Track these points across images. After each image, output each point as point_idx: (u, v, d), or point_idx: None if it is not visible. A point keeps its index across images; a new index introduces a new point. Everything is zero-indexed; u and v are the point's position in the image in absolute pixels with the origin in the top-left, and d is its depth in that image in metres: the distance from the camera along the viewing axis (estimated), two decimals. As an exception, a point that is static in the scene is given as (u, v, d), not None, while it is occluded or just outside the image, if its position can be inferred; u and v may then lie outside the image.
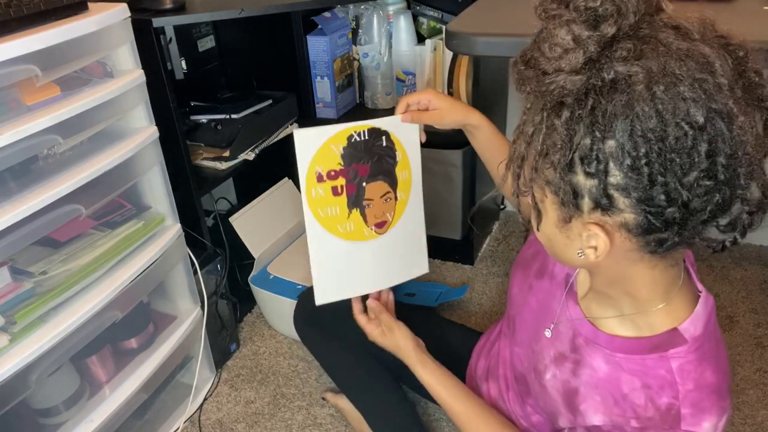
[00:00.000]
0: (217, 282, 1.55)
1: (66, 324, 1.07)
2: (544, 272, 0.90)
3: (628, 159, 0.53)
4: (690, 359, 0.68)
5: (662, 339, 0.69)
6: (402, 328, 1.04)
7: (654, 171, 0.53)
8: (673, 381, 0.68)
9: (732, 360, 1.55)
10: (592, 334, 0.76)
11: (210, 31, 1.79)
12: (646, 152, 0.52)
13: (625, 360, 0.72)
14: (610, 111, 0.52)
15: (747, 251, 1.97)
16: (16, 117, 0.98)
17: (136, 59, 1.19)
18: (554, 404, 0.83)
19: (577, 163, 0.55)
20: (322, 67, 1.81)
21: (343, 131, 0.97)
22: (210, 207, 1.92)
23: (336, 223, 1.02)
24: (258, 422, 1.47)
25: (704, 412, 0.67)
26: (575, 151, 0.55)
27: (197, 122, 1.67)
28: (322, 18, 1.79)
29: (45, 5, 1.00)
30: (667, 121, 0.51)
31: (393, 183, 1.04)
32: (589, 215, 0.59)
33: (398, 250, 1.09)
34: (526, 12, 0.71)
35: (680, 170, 0.53)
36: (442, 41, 1.74)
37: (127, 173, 1.21)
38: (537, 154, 0.58)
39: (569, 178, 0.57)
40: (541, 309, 0.88)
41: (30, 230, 1.01)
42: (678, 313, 0.70)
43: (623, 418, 0.71)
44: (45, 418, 1.18)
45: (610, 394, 0.73)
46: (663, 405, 0.68)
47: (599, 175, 0.55)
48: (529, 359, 0.90)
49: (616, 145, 0.53)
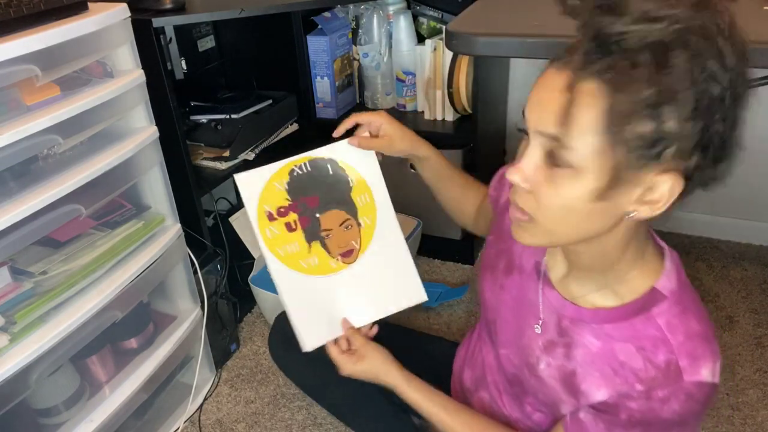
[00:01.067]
0: (217, 282, 1.55)
1: (66, 324, 1.07)
2: (512, 268, 0.89)
3: (711, 101, 0.57)
4: (674, 313, 0.71)
5: (644, 300, 0.72)
6: (378, 350, 0.98)
7: (717, 111, 0.59)
8: (665, 337, 0.70)
9: (732, 360, 1.55)
10: (576, 313, 0.77)
11: (210, 31, 1.79)
12: (720, 94, 0.58)
13: (614, 329, 0.74)
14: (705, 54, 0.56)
15: (747, 251, 1.97)
16: (16, 117, 0.98)
17: (136, 59, 1.19)
18: (554, 393, 0.82)
19: (687, 108, 0.56)
20: (322, 67, 1.81)
21: (284, 167, 0.96)
22: (210, 207, 1.92)
23: (298, 259, 0.98)
24: (258, 422, 1.47)
25: (700, 359, 0.69)
26: (689, 94, 0.56)
27: (197, 122, 1.67)
28: (322, 18, 1.79)
29: (45, 5, 1.00)
30: (728, 65, 0.57)
31: (351, 209, 1.00)
32: (667, 163, 0.59)
33: (379, 278, 1.03)
34: (526, 12, 0.71)
35: (729, 110, 0.60)
36: (442, 41, 1.74)
37: (127, 173, 1.21)
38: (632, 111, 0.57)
39: (675, 131, 0.57)
40: (519, 304, 0.88)
41: (30, 230, 1.01)
42: (651, 272, 0.73)
43: (627, 385, 0.72)
44: (45, 418, 1.18)
45: (608, 365, 0.74)
46: (662, 362, 0.70)
47: (697, 119, 0.57)
48: (518, 357, 0.89)
49: (708, 87, 0.57)
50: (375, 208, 1.01)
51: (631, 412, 0.72)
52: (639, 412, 0.71)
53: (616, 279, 0.74)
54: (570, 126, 0.58)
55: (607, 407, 0.75)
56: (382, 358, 0.98)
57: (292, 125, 1.83)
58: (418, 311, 1.78)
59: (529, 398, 0.92)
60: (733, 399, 1.45)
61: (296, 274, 0.99)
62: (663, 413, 0.70)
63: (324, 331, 1.02)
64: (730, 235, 2.02)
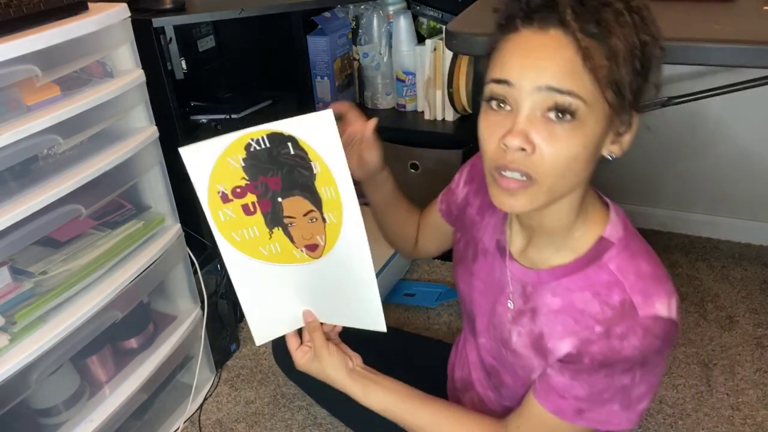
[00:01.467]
0: (217, 282, 1.55)
1: (66, 324, 1.07)
2: (477, 253, 0.92)
3: (657, 49, 0.66)
4: (623, 257, 0.75)
5: (594, 250, 0.76)
6: (335, 355, 0.89)
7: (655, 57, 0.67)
8: (617, 279, 0.73)
9: (732, 360, 1.56)
10: (536, 277, 0.81)
11: (210, 31, 1.79)
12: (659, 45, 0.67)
13: (570, 282, 0.77)
14: (648, 17, 0.66)
15: (747, 251, 1.97)
16: (16, 117, 0.98)
17: (136, 59, 1.19)
18: (528, 363, 0.83)
19: (643, 61, 0.65)
20: (322, 67, 1.81)
21: (238, 140, 0.80)
22: (210, 207, 1.92)
23: (257, 245, 0.86)
24: (258, 422, 1.47)
25: (653, 296, 0.72)
26: (644, 51, 0.65)
27: (197, 122, 1.67)
28: (322, 18, 1.79)
29: (45, 5, 1.00)
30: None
31: (315, 200, 0.83)
32: (632, 107, 0.68)
33: (341, 286, 0.88)
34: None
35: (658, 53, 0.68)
36: (442, 41, 1.74)
37: (127, 173, 1.21)
38: (620, 61, 0.64)
39: (637, 77, 0.66)
40: (488, 285, 0.90)
41: (30, 230, 1.01)
42: (598, 224, 0.77)
43: (588, 330, 0.74)
44: (45, 418, 1.18)
45: (569, 317, 0.77)
46: (617, 302, 0.73)
47: (649, 68, 0.66)
48: (493, 339, 0.90)
49: (654, 42, 0.66)
50: (341, 206, 0.82)
51: (593, 355, 0.74)
52: (600, 354, 0.73)
53: (570, 236, 0.77)
54: (575, 78, 0.63)
55: (571, 358, 0.76)
56: (338, 364, 0.89)
57: (292, 125, 1.83)
58: (418, 311, 1.78)
59: (506, 389, 0.92)
60: (733, 399, 1.45)
61: (254, 262, 0.87)
62: (623, 350, 0.72)
63: (279, 325, 0.92)
64: (730, 235, 2.02)
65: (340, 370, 0.89)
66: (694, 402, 1.45)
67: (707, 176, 1.97)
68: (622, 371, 0.73)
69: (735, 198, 1.98)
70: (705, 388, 1.48)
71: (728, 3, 1.32)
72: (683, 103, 1.40)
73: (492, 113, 0.68)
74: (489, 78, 0.68)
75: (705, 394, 1.47)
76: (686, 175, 2.00)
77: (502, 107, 0.67)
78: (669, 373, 1.53)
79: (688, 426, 1.39)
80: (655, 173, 2.03)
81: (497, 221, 0.90)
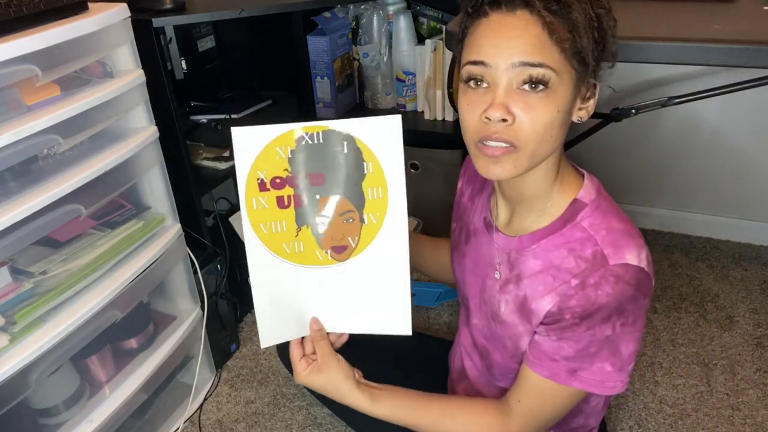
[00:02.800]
0: (217, 282, 1.55)
1: (66, 324, 1.07)
2: (468, 235, 0.96)
3: (610, 20, 0.74)
4: (595, 216, 0.80)
5: (569, 211, 0.82)
6: (341, 366, 0.88)
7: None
8: (589, 235, 0.79)
9: (732, 360, 1.56)
10: (518, 243, 0.85)
11: (210, 31, 1.79)
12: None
13: (548, 243, 0.82)
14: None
15: (747, 251, 1.97)
16: (16, 117, 0.98)
17: (136, 59, 1.19)
18: (515, 330, 0.86)
19: (600, 32, 0.72)
20: (322, 67, 1.81)
21: (291, 131, 0.81)
22: (210, 207, 1.92)
23: (282, 240, 0.84)
24: (258, 422, 1.47)
25: (623, 248, 0.77)
26: (600, 22, 0.71)
27: (197, 122, 1.67)
28: (322, 18, 1.79)
29: (45, 5, 1.00)
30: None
31: (358, 201, 0.83)
32: (595, 74, 0.75)
33: (367, 289, 0.87)
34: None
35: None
36: (442, 41, 1.74)
37: (127, 173, 1.21)
38: (585, 37, 0.70)
39: (596, 46, 0.72)
40: (476, 262, 0.94)
41: (30, 230, 1.01)
42: (573, 188, 0.83)
43: (565, 285, 0.79)
44: (45, 418, 1.18)
45: (548, 275, 0.81)
46: (589, 255, 0.78)
47: (605, 37, 0.73)
48: (485, 315, 0.93)
49: (607, 14, 0.73)
50: (386, 207, 0.83)
51: (573, 309, 0.78)
52: (579, 306, 0.77)
53: (548, 201, 0.83)
54: (544, 51, 0.69)
55: (553, 316, 0.80)
56: (346, 375, 0.88)
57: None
58: (418, 311, 1.78)
59: (497, 368, 0.94)
60: (733, 399, 1.45)
61: (274, 258, 0.85)
62: (598, 299, 0.76)
63: (288, 329, 0.89)
64: (730, 235, 2.02)
65: (347, 381, 0.88)
66: (694, 402, 1.45)
67: (707, 176, 1.97)
68: (601, 321, 0.77)
69: (735, 198, 1.98)
70: (705, 388, 1.48)
71: (728, 3, 1.32)
72: (683, 103, 1.40)
73: (471, 92, 0.74)
74: (465, 60, 0.74)
75: (705, 394, 1.47)
76: (686, 175, 2.00)
77: (480, 85, 0.73)
78: (669, 373, 1.53)
79: (688, 426, 1.40)
80: (655, 173, 2.03)
81: (484, 201, 0.95)
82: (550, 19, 0.69)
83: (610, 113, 1.45)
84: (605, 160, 2.02)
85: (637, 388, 1.50)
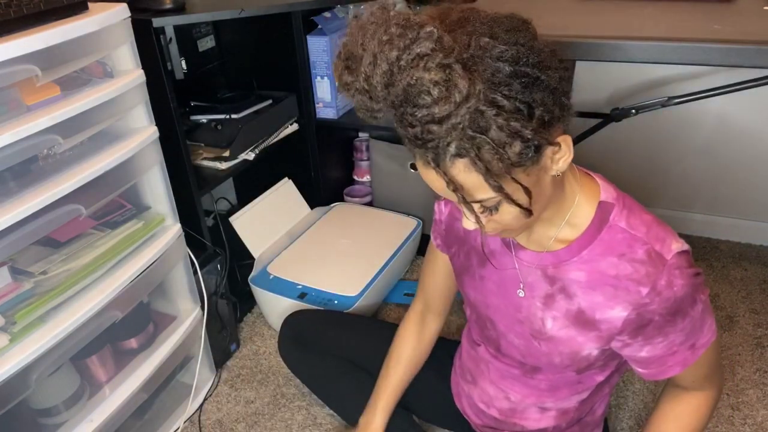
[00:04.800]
0: (217, 282, 1.55)
1: (66, 324, 1.07)
2: (484, 259, 0.95)
3: (532, 91, 0.65)
4: (626, 214, 0.81)
5: (598, 216, 0.81)
6: None
7: (542, 89, 0.66)
8: (633, 235, 0.79)
9: (732, 360, 1.56)
10: (554, 257, 0.84)
11: (210, 31, 1.79)
12: (533, 80, 0.65)
13: (589, 253, 0.81)
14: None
15: (747, 251, 1.97)
16: (16, 117, 0.98)
17: (136, 59, 1.19)
18: (572, 343, 0.86)
19: (523, 113, 0.64)
20: (322, 67, 1.81)
21: None
22: (210, 207, 1.92)
23: None
24: (258, 422, 1.47)
25: (666, 239, 0.78)
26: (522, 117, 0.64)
27: (197, 122, 1.67)
28: (322, 18, 1.79)
29: (45, 5, 1.00)
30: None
31: None
32: (547, 138, 0.68)
33: None
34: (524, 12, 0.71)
35: (546, 77, 0.66)
36: (442, 41, 1.74)
37: (127, 173, 1.21)
38: (500, 151, 0.64)
39: (532, 132, 0.65)
40: (502, 284, 0.92)
41: (30, 230, 1.01)
42: (592, 193, 0.82)
43: (633, 294, 0.78)
44: (45, 418, 1.18)
45: (605, 285, 0.80)
46: (644, 256, 0.78)
47: (536, 109, 0.65)
48: (522, 334, 0.92)
49: (524, 89, 0.64)
50: None
51: (658, 312, 0.78)
52: (663, 309, 0.78)
53: (568, 213, 0.82)
54: (472, 194, 0.68)
55: (635, 323, 0.80)
56: None
57: (292, 125, 1.83)
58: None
59: (541, 374, 0.95)
60: (733, 399, 1.45)
61: None
62: (677, 293, 0.77)
63: None
64: (730, 235, 2.02)
65: None
66: (694, 402, 1.45)
67: (707, 176, 1.97)
68: (690, 305, 0.79)
69: (735, 198, 1.98)
70: (705, 388, 1.49)
71: (728, 3, 1.32)
72: (683, 103, 1.40)
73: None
74: None
75: (705, 394, 1.47)
76: (686, 175, 2.00)
77: None
78: (669, 373, 1.53)
79: (688, 426, 1.40)
80: (655, 173, 2.03)
81: None
82: (453, 176, 0.66)
83: (610, 113, 1.45)
84: (605, 160, 2.02)
85: (637, 389, 1.50)
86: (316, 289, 1.64)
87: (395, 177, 1.96)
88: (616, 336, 0.82)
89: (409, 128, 0.63)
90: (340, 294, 1.62)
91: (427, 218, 1.90)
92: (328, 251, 1.79)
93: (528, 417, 1.00)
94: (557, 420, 0.99)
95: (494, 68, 0.62)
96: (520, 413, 1.01)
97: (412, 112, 0.62)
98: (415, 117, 0.62)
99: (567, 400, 0.97)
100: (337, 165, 2.11)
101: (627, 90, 1.87)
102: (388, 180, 1.99)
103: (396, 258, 1.76)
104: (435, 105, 0.60)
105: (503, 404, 1.02)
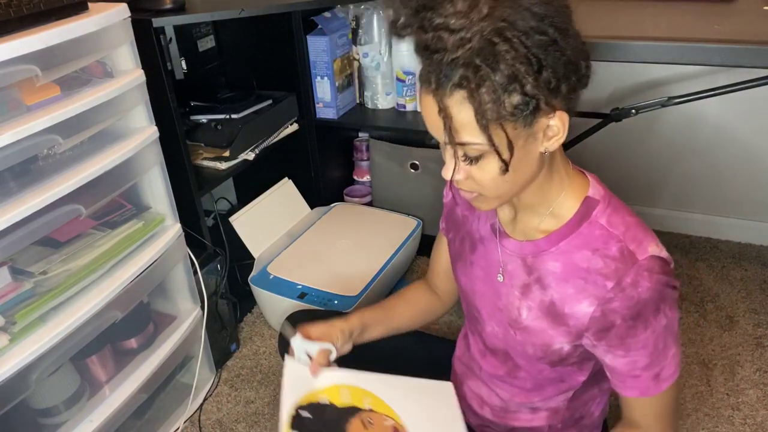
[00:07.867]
0: (217, 282, 1.55)
1: (66, 324, 1.07)
2: (475, 244, 0.96)
3: (545, 50, 0.67)
4: (609, 212, 0.81)
5: (582, 210, 0.82)
6: None
7: (554, 52, 0.68)
8: (610, 233, 0.79)
9: (732, 360, 1.56)
10: (533, 247, 0.85)
11: (210, 31, 1.79)
12: (548, 40, 0.67)
13: (567, 244, 0.82)
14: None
15: (747, 251, 1.97)
16: (16, 117, 0.98)
17: (136, 59, 1.19)
18: (542, 335, 0.86)
19: (532, 68, 0.66)
20: (322, 67, 1.81)
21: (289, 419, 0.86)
22: (210, 207, 1.92)
23: None
24: (258, 422, 1.47)
25: (643, 241, 0.78)
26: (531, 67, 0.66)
27: (197, 122, 1.67)
28: (322, 18, 1.79)
29: (45, 5, 1.00)
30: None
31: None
32: (546, 108, 0.69)
33: None
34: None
35: (562, 43, 0.68)
36: (442, 41, 1.74)
37: (127, 173, 1.21)
38: (499, 95, 0.66)
39: (535, 89, 0.67)
40: (487, 271, 0.93)
41: (30, 230, 1.01)
42: (580, 187, 0.83)
43: (601, 288, 0.78)
44: (45, 418, 1.18)
45: (577, 278, 0.81)
46: (616, 253, 0.78)
47: (545, 69, 0.67)
48: (501, 323, 0.92)
49: (537, 43, 0.66)
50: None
51: (619, 312, 0.78)
52: (624, 308, 0.77)
53: (553, 203, 0.83)
54: (459, 132, 0.69)
55: (600, 323, 0.80)
56: None
57: (292, 125, 1.83)
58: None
59: (523, 371, 0.94)
60: (733, 399, 1.45)
61: None
62: (641, 295, 0.77)
63: None
64: (730, 235, 2.02)
65: None
66: (694, 402, 1.45)
67: (707, 176, 1.97)
68: (653, 314, 0.78)
69: (735, 198, 1.98)
70: (705, 388, 1.48)
71: (728, 3, 1.32)
72: (683, 103, 1.40)
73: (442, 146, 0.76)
74: None
75: (705, 394, 1.47)
76: (686, 175, 2.00)
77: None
78: (669, 373, 1.53)
79: (688, 426, 1.39)
80: (655, 173, 2.03)
81: None
82: (447, 104, 0.68)
83: (610, 113, 1.45)
84: (605, 160, 2.02)
85: (637, 388, 1.50)
86: (316, 289, 1.64)
87: (395, 177, 1.96)
88: (584, 333, 0.82)
89: (422, 33, 0.66)
90: (340, 294, 1.62)
91: (427, 218, 1.90)
92: (328, 251, 1.79)
93: (519, 417, 1.01)
94: (549, 420, 0.99)
95: (521, 14, 0.65)
96: (512, 413, 1.01)
97: (431, 17, 0.65)
98: (432, 23, 0.65)
99: (554, 399, 0.97)
100: (337, 165, 2.11)
101: (627, 90, 1.87)
102: (388, 180, 1.99)
103: (396, 258, 1.76)
104: (453, 16, 0.64)
105: (495, 404, 1.02)
